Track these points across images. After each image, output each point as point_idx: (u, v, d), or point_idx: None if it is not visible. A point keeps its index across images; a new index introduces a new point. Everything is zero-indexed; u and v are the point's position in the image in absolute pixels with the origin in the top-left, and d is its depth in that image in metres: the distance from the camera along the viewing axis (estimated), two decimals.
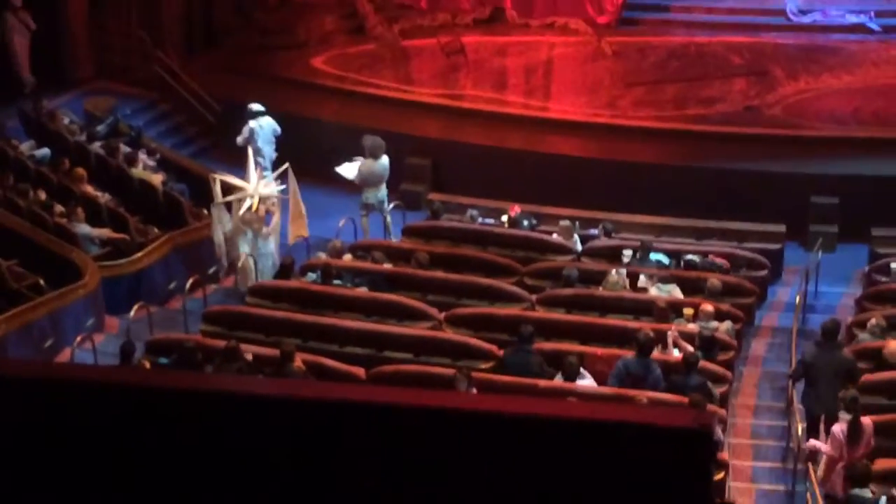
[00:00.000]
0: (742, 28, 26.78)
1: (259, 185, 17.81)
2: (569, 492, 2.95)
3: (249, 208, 17.58)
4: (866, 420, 12.53)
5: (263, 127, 21.29)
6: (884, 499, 11.40)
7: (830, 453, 12.46)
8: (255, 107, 21.40)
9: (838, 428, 12.49)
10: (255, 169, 18.40)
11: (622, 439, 2.88)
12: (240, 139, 21.09)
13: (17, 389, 3.22)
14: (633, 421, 2.90)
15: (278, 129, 21.39)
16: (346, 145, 22.53)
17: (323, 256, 17.56)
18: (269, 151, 21.36)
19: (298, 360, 13.78)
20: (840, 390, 12.96)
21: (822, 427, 13.17)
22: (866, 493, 11.42)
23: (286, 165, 18.02)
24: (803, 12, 26.84)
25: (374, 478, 3.08)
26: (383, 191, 19.84)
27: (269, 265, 17.75)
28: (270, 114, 21.35)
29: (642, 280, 16.40)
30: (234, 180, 17.96)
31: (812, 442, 13.02)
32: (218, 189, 17.62)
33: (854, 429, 12.37)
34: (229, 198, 17.63)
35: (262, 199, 17.72)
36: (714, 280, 16.02)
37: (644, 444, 2.86)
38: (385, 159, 19.66)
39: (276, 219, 18.02)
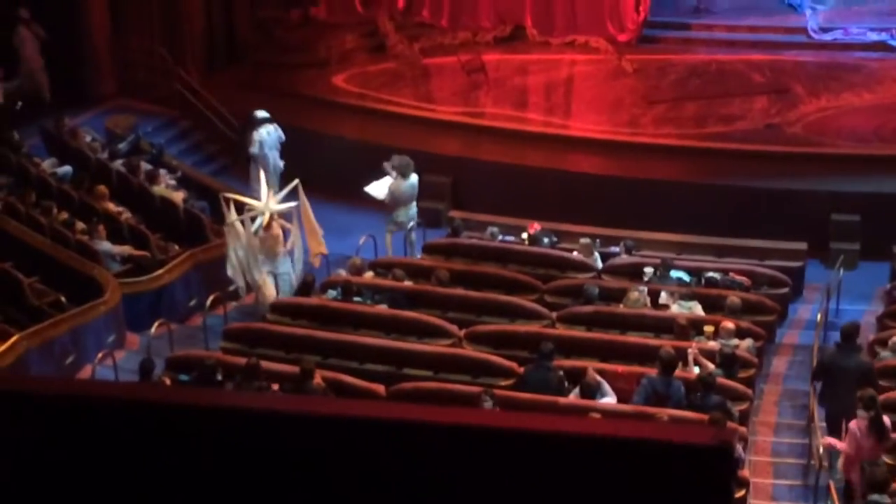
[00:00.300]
0: (763, 46, 26.78)
1: (270, 201, 17.67)
2: None
3: (261, 225, 17.52)
4: (888, 420, 12.63)
5: (270, 134, 21.58)
6: None
7: (846, 450, 12.62)
8: (261, 114, 21.64)
9: (855, 425, 12.59)
10: (266, 185, 18.27)
11: (643, 456, 2.87)
12: (252, 149, 21.38)
13: (38, 406, 3.23)
14: (654, 438, 2.89)
15: (283, 136, 21.65)
16: (367, 163, 22.60)
17: (343, 273, 17.56)
18: (275, 158, 21.64)
19: (318, 378, 13.79)
20: (857, 391, 13.00)
21: (843, 427, 13.16)
22: (885, 499, 11.40)
23: (296, 182, 17.83)
24: (824, 30, 26.81)
25: (395, 495, 3.08)
26: (413, 209, 19.91)
27: (288, 284, 17.70)
28: (282, 125, 21.52)
29: (663, 297, 16.37)
30: (246, 199, 17.92)
31: (828, 439, 13.27)
32: (231, 209, 17.54)
33: (877, 426, 12.47)
34: (241, 217, 17.53)
35: (273, 216, 17.61)
36: (734, 297, 15.97)
37: (665, 461, 2.85)
38: (414, 178, 19.77)
39: (292, 237, 17.92)
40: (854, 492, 12.48)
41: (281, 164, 21.57)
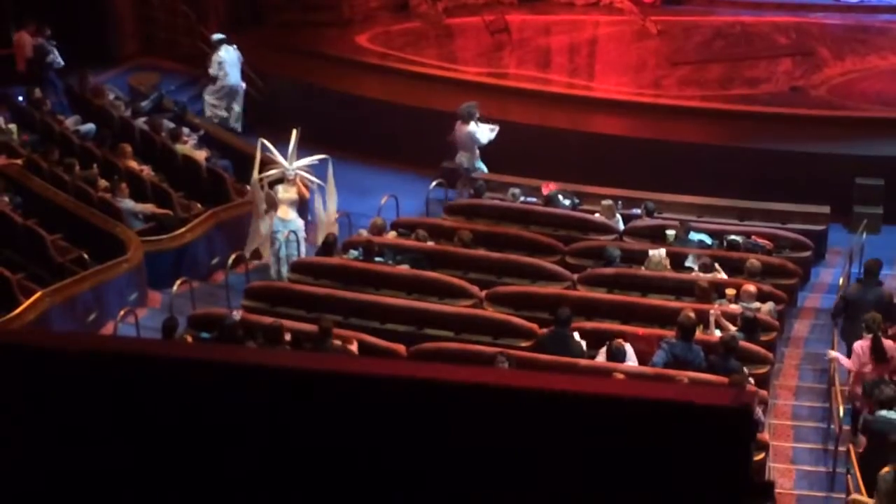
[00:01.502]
0: (788, 8, 26.65)
1: (295, 164, 17.72)
2: (611, 468, 2.95)
3: (281, 187, 17.59)
4: (889, 342, 13.34)
5: (229, 53, 23.05)
6: None
7: (851, 367, 13.45)
8: (218, 36, 22.96)
9: (859, 345, 13.40)
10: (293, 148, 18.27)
11: (663, 417, 2.88)
12: (212, 70, 23.00)
13: (61, 362, 3.25)
14: (675, 399, 2.90)
15: (242, 56, 23.22)
16: (389, 123, 22.59)
17: (364, 233, 17.57)
18: (236, 77, 23.17)
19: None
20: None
21: None
22: (892, 414, 11.88)
23: (325, 157, 18.04)
24: None
25: (416, 452, 3.10)
26: (468, 158, 20.55)
27: (296, 244, 17.70)
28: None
29: (689, 263, 16.32)
30: (276, 155, 17.87)
31: (833, 353, 14.05)
32: (258, 157, 17.67)
33: (876, 348, 13.20)
34: (265, 174, 17.61)
35: (294, 181, 17.64)
36: (753, 260, 15.93)
37: (685, 422, 2.86)
38: (472, 126, 20.38)
39: (317, 198, 17.98)
40: (858, 409, 12.97)
41: (243, 84, 23.19)
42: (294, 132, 17.78)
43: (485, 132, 20.37)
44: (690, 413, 2.85)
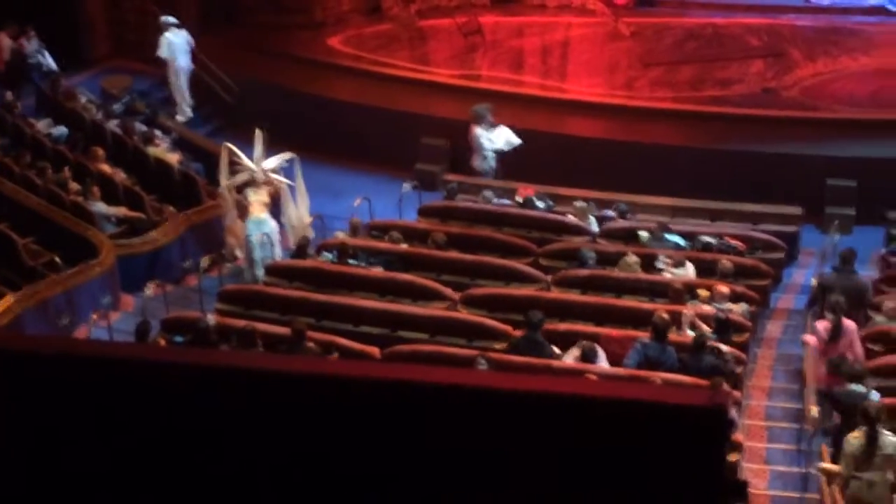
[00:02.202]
0: (760, 10, 26.74)
1: (263, 166, 17.61)
2: (586, 468, 2.96)
3: (251, 190, 17.50)
4: (849, 323, 13.75)
5: (178, 36, 23.32)
6: (875, 393, 12.26)
7: (814, 345, 13.88)
8: (169, 19, 23.10)
9: (822, 325, 13.82)
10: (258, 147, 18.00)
11: (638, 417, 2.88)
12: (160, 52, 23.23)
13: (34, 365, 3.23)
14: (649, 399, 2.90)
15: (192, 39, 23.44)
16: (361, 126, 22.57)
17: (341, 235, 17.55)
18: (185, 62, 23.52)
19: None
20: (852, 311, 14.14)
21: None
22: (860, 388, 12.30)
23: (292, 155, 17.97)
24: None
25: (391, 454, 3.09)
26: (480, 158, 20.38)
27: (269, 246, 17.57)
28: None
29: (659, 264, 16.37)
30: (243, 159, 17.74)
31: (806, 336, 14.42)
32: (225, 162, 17.58)
33: (835, 329, 13.63)
34: (233, 179, 17.53)
35: (265, 182, 17.54)
36: (725, 262, 15.99)
37: (659, 422, 2.86)
38: (478, 129, 20.31)
39: (285, 200, 17.93)
40: (826, 386, 13.22)
41: (191, 66, 23.52)
42: (258, 132, 17.73)
43: (498, 137, 20.15)
44: (665, 413, 2.85)
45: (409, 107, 22.67)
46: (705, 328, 14.05)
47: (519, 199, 18.92)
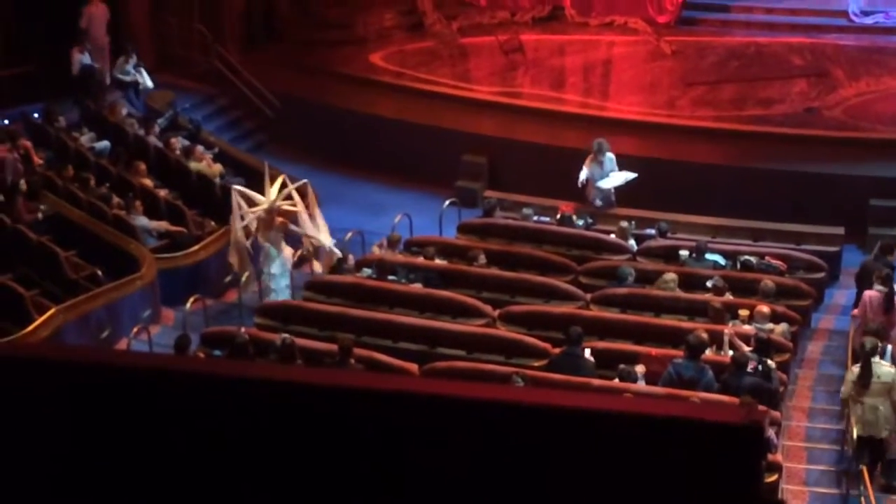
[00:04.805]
0: (803, 29, 26.63)
1: (278, 198, 16.92)
2: (621, 485, 2.95)
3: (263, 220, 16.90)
4: (876, 293, 14.97)
5: (98, 8, 23.52)
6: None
7: (856, 315, 15.39)
8: None
9: (867, 296, 15.10)
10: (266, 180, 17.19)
11: (674, 434, 2.88)
12: (81, 22, 23.35)
13: (75, 376, 3.26)
14: (685, 416, 2.90)
15: (108, 14, 23.81)
16: (403, 142, 22.63)
17: (377, 252, 17.54)
18: (101, 33, 23.72)
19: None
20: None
21: None
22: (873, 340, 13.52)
23: (305, 181, 17.53)
24: (865, 13, 26.64)
25: (429, 468, 3.10)
26: (596, 189, 19.82)
27: (283, 286, 17.26)
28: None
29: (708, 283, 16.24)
30: (253, 194, 17.08)
31: (854, 311, 15.70)
32: (237, 201, 16.91)
33: (888, 299, 14.92)
34: (246, 212, 16.89)
35: (277, 212, 16.90)
36: (767, 281, 15.91)
37: (694, 440, 2.86)
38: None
39: (306, 242, 17.50)
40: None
41: (108, 39, 23.75)
42: (266, 167, 17.41)
43: (615, 178, 19.63)
44: (701, 430, 2.84)
45: (449, 124, 22.72)
46: (745, 348, 13.98)
47: (559, 215, 18.89)
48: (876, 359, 13.29)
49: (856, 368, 13.35)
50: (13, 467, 3.31)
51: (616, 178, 19.54)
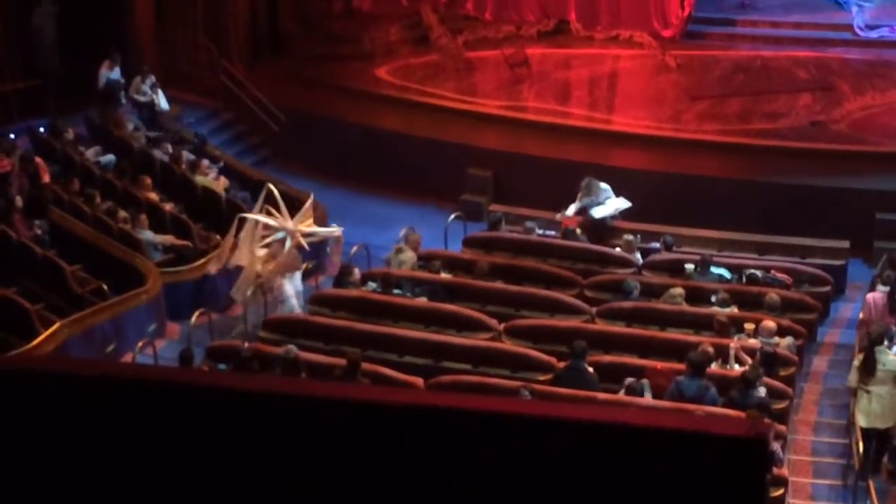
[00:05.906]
0: (808, 42, 26.62)
1: (298, 224, 16.74)
2: (625, 497, 2.94)
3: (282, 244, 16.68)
4: (878, 294, 15.30)
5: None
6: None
7: (861, 317, 15.49)
8: None
9: (870, 297, 15.42)
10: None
11: (678, 447, 2.87)
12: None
13: (78, 388, 3.25)
14: (689, 429, 2.89)
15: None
16: (408, 156, 22.65)
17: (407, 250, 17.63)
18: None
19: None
20: None
21: None
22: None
23: (310, 200, 17.21)
24: (871, 27, 26.63)
25: (437, 480, 3.09)
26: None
27: (294, 305, 17.19)
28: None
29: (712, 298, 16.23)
30: (268, 220, 16.76)
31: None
32: (255, 232, 16.63)
33: (892, 301, 15.17)
34: (266, 238, 16.70)
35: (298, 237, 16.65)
36: (773, 295, 15.89)
37: (699, 453, 2.85)
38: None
39: (336, 258, 17.60)
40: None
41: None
42: (311, 198, 17.34)
43: (609, 206, 19.50)
44: (705, 443, 2.83)
45: (455, 137, 22.74)
46: (750, 361, 13.94)
47: (562, 229, 18.87)
48: (881, 347, 13.46)
49: (860, 355, 13.66)
50: (18, 480, 3.31)
51: (610, 205, 19.52)
